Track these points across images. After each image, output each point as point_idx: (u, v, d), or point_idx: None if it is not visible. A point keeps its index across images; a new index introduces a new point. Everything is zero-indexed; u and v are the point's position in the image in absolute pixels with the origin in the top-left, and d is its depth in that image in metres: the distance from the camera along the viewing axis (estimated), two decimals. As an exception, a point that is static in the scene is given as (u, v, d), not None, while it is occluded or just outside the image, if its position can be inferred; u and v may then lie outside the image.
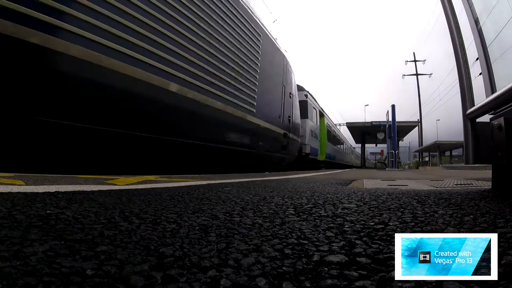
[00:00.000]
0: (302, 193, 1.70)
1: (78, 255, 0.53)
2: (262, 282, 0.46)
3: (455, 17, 1.85)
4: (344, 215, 1.01)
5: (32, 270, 0.45)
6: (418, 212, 1.05)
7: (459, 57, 1.77)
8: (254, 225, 0.84)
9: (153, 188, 1.73)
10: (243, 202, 1.29)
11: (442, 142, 24.81)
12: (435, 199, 1.40)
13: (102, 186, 1.71)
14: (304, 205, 1.22)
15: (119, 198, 1.25)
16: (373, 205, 1.23)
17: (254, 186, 2.08)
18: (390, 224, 0.86)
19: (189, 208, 1.09)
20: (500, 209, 1.07)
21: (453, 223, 0.86)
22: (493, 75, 1.79)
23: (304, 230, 0.79)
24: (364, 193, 1.71)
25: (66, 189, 1.47)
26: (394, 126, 19.68)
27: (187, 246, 0.62)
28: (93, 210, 0.95)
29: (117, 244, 0.61)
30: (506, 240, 0.66)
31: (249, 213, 1.03)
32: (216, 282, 0.45)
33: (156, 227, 0.78)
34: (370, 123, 26.00)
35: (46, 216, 0.81)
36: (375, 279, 0.48)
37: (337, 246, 0.64)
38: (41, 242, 0.59)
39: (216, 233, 0.74)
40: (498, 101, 1.37)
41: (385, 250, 0.61)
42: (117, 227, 0.75)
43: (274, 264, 0.54)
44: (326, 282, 0.46)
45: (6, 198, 1.08)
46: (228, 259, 0.55)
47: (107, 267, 0.48)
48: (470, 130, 1.61)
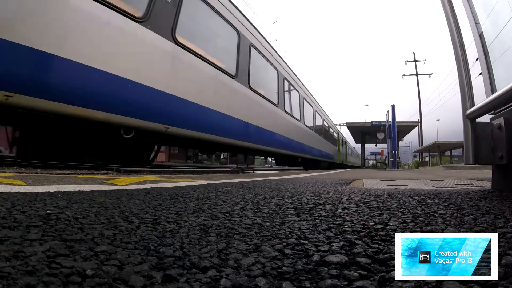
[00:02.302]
0: (302, 193, 1.70)
1: (78, 255, 0.53)
2: (262, 282, 0.46)
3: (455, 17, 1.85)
4: (344, 215, 1.01)
5: (32, 270, 0.45)
6: (418, 212, 1.05)
7: (459, 57, 1.77)
8: (254, 225, 0.84)
9: (153, 188, 1.73)
10: (243, 202, 1.29)
11: (442, 142, 24.82)
12: (435, 199, 1.40)
13: (102, 186, 1.71)
14: (304, 205, 1.22)
15: (119, 198, 1.25)
16: (373, 205, 1.23)
17: (254, 186, 2.08)
18: (390, 224, 0.86)
19: (189, 208, 1.09)
20: (500, 209, 1.07)
21: (453, 223, 0.86)
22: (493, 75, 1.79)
23: (304, 230, 0.79)
24: (364, 193, 1.71)
25: (66, 189, 1.47)
26: (394, 126, 19.68)
27: (187, 246, 0.62)
28: (93, 210, 0.95)
29: (117, 244, 0.61)
30: (506, 240, 0.66)
31: (249, 213, 1.03)
32: (216, 282, 0.45)
33: (156, 227, 0.78)
34: (370, 123, 25.99)
35: (46, 216, 0.81)
36: (375, 279, 0.48)
37: (337, 246, 0.64)
38: (41, 242, 0.59)
39: (216, 233, 0.74)
40: (498, 101, 1.36)
41: (385, 250, 0.61)
42: (117, 227, 0.75)
43: (274, 264, 0.54)
44: (326, 282, 0.46)
45: (6, 198, 1.08)
46: (228, 259, 0.55)
47: (107, 267, 0.48)
48: (470, 130, 1.61)
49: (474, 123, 1.61)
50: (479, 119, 1.61)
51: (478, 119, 1.62)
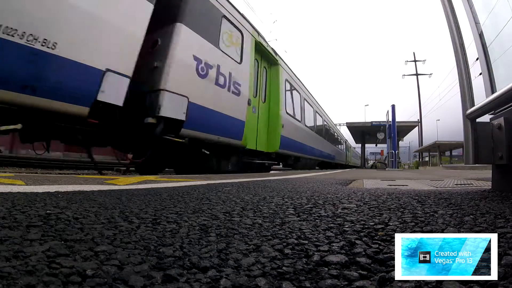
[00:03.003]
0: (302, 193, 1.70)
1: (78, 255, 0.53)
2: (262, 282, 0.46)
3: (455, 17, 1.85)
4: (344, 215, 1.01)
5: (32, 270, 0.45)
6: (418, 212, 1.05)
7: (459, 57, 1.77)
8: (254, 225, 0.84)
9: (153, 188, 1.73)
10: (243, 202, 1.29)
11: (442, 142, 24.82)
12: (435, 199, 1.40)
13: (102, 186, 1.71)
14: (304, 205, 1.22)
15: (119, 198, 1.25)
16: (373, 205, 1.23)
17: (254, 186, 2.08)
18: (390, 224, 0.86)
19: (189, 208, 1.09)
20: (500, 209, 1.07)
21: (453, 223, 0.86)
22: (493, 75, 1.79)
23: (304, 230, 0.79)
24: (364, 193, 1.71)
25: (66, 189, 1.47)
26: (394, 126, 19.66)
27: (187, 246, 0.62)
28: (93, 210, 0.95)
29: (117, 244, 0.61)
30: (506, 240, 0.66)
31: (249, 213, 1.03)
32: (216, 282, 0.45)
33: (156, 227, 0.78)
34: (370, 123, 25.99)
35: (46, 216, 0.81)
36: (375, 279, 0.48)
37: (337, 246, 0.64)
38: (41, 242, 0.59)
39: (216, 233, 0.74)
40: (498, 101, 1.36)
41: (385, 250, 0.61)
42: (117, 227, 0.75)
43: (274, 264, 0.54)
44: (326, 282, 0.46)
45: (6, 198, 1.08)
46: (228, 259, 0.55)
47: (107, 267, 0.48)
48: (470, 130, 1.61)
49: (474, 123, 1.62)
50: (479, 119, 1.61)
51: (478, 119, 1.62)
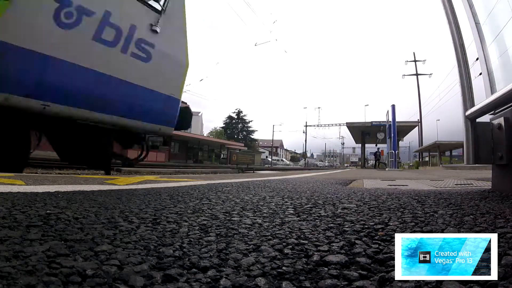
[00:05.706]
0: (302, 193, 1.69)
1: (78, 255, 0.53)
2: (262, 282, 0.46)
3: (455, 17, 1.85)
4: (344, 215, 1.01)
5: (32, 270, 0.45)
6: (418, 212, 1.05)
7: (459, 57, 1.77)
8: (254, 225, 0.84)
9: (153, 188, 1.73)
10: (242, 202, 1.29)
11: (442, 142, 24.80)
12: (435, 199, 1.40)
13: (102, 186, 1.71)
14: (304, 205, 1.22)
15: (119, 198, 1.25)
16: (373, 205, 1.23)
17: (253, 186, 2.08)
18: (390, 224, 0.86)
19: (189, 208, 1.09)
20: (500, 209, 1.07)
21: (453, 223, 0.86)
22: (493, 75, 1.79)
23: (304, 230, 0.79)
24: (364, 193, 1.71)
25: (66, 189, 1.47)
26: (394, 126, 19.66)
27: (187, 246, 0.62)
28: (93, 210, 0.95)
29: (117, 244, 0.61)
30: (506, 240, 0.65)
31: (249, 213, 1.03)
32: (216, 282, 0.45)
33: (156, 227, 0.78)
34: (370, 123, 25.99)
35: (46, 216, 0.81)
36: (375, 279, 0.48)
37: (337, 246, 0.64)
38: (41, 242, 0.59)
39: (216, 233, 0.74)
40: (498, 101, 1.36)
41: (385, 250, 0.61)
42: (117, 227, 0.75)
43: (274, 264, 0.54)
44: (326, 282, 0.46)
45: (6, 198, 1.08)
46: (228, 259, 0.55)
47: (107, 267, 0.48)
48: (470, 130, 1.61)
49: (474, 123, 1.61)
50: (479, 119, 1.61)
51: (478, 119, 1.61)
